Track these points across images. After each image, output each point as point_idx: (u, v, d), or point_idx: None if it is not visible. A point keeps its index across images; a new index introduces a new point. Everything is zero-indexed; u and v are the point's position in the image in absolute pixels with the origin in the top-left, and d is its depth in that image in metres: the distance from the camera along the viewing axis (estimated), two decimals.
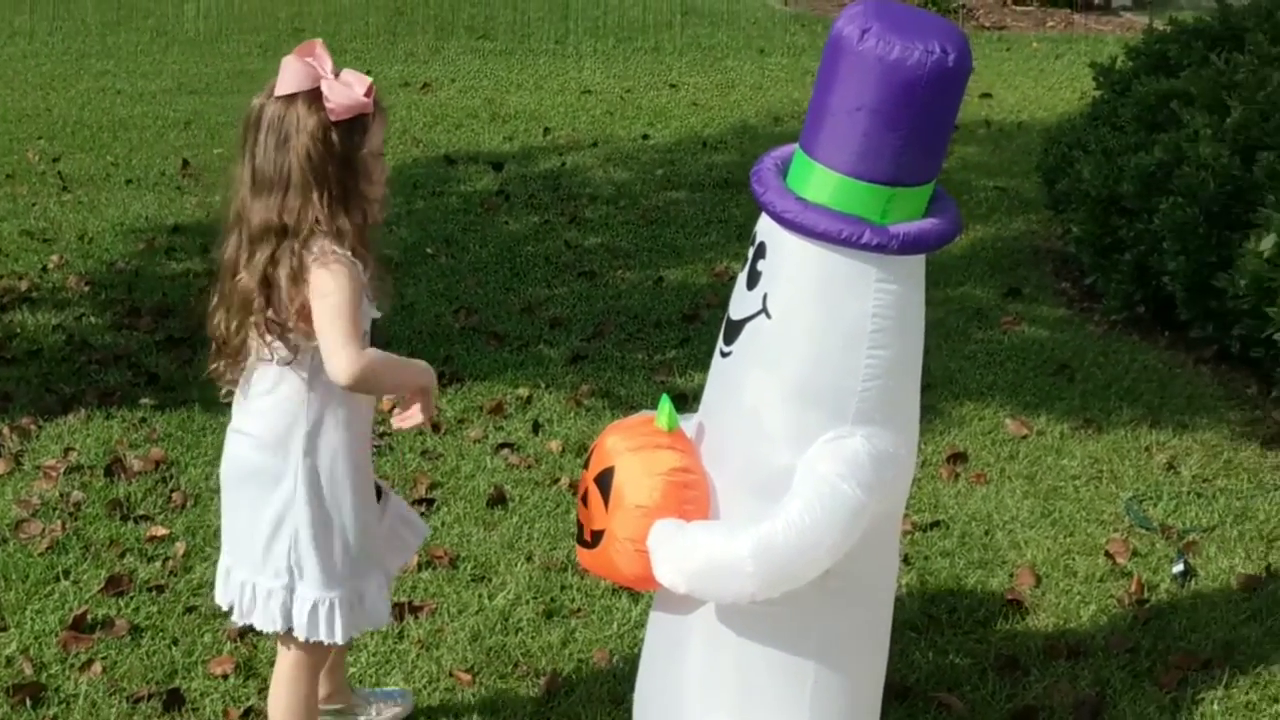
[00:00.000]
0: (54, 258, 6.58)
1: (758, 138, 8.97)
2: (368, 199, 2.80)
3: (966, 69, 2.65)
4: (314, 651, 3.02)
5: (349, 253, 2.74)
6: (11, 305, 5.98)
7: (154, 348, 5.58)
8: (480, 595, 3.94)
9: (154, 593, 3.91)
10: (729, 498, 2.88)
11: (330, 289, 2.72)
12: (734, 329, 2.90)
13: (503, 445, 4.81)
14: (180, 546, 4.12)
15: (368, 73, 2.84)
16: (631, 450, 2.89)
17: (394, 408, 3.10)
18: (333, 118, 2.69)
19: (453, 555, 4.12)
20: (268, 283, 2.77)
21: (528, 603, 3.91)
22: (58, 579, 3.97)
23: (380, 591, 3.01)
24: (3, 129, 8.98)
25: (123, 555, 4.09)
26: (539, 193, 7.82)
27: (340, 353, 2.74)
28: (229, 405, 3.01)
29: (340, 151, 2.71)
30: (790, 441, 2.79)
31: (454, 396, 5.18)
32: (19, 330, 5.73)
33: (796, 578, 2.71)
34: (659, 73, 11.24)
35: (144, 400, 5.08)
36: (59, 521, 4.25)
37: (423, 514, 4.34)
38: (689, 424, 3.06)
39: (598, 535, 2.93)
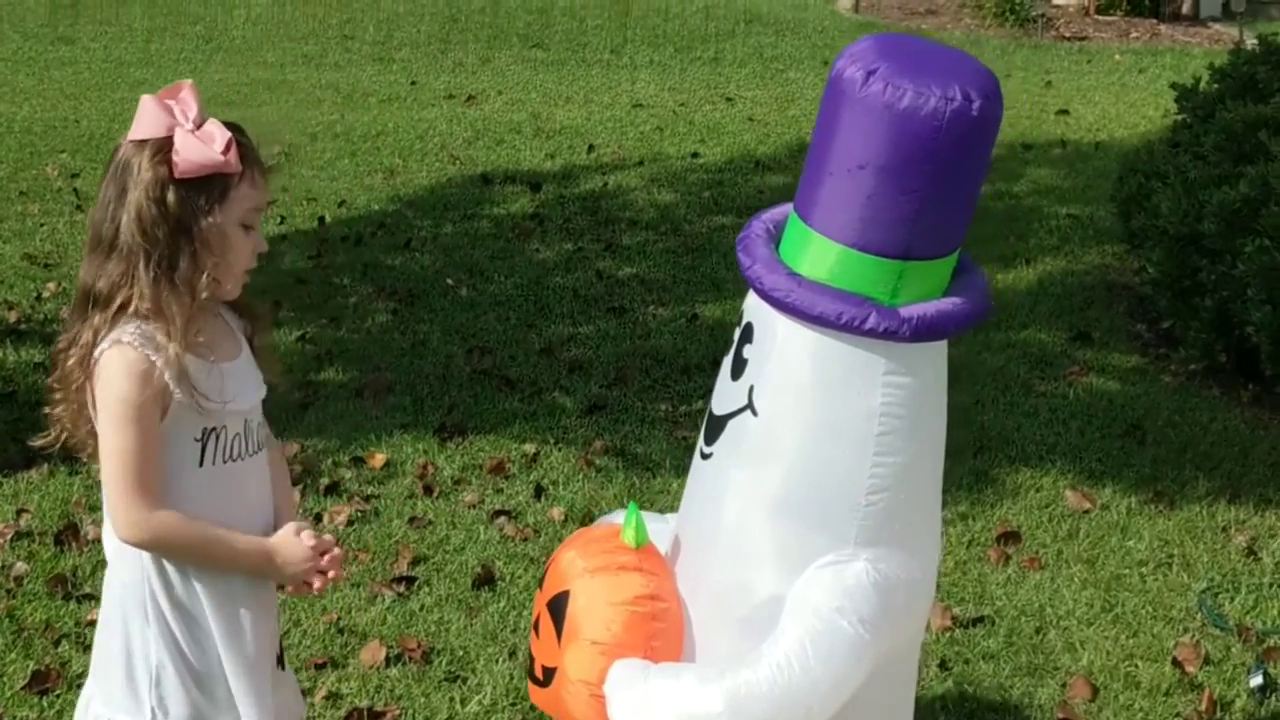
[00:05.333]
0: (50, 285, 6.18)
1: None
2: (204, 274, 2.25)
3: (993, 117, 2.16)
4: None
5: (161, 340, 2.22)
6: None
7: None
8: (452, 699, 3.46)
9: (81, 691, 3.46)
10: (706, 631, 2.42)
11: (110, 389, 2.21)
12: (715, 426, 2.43)
13: (499, 513, 4.33)
14: None
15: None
16: (591, 571, 2.43)
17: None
18: (177, 174, 2.21)
19: (427, 648, 3.65)
20: (55, 362, 2.33)
21: (504, 710, 3.42)
22: None
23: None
24: (25, 142, 8.63)
25: (57, 643, 3.65)
26: (575, 216, 7.34)
27: (119, 507, 2.25)
28: None
29: (177, 214, 2.22)
30: (779, 565, 2.33)
31: (453, 452, 4.70)
32: None
33: None
34: (716, 85, 10.73)
35: None
36: None
37: (401, 594, 3.89)
38: (665, 530, 2.60)
39: (550, 672, 2.46)
